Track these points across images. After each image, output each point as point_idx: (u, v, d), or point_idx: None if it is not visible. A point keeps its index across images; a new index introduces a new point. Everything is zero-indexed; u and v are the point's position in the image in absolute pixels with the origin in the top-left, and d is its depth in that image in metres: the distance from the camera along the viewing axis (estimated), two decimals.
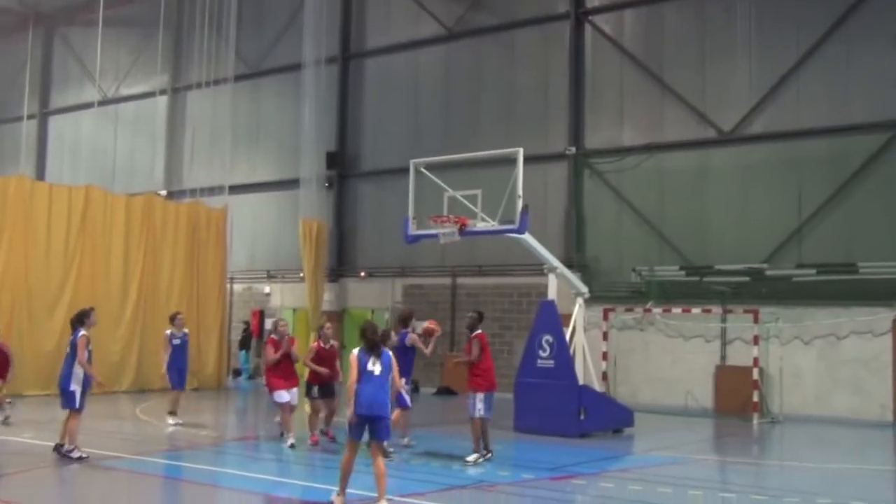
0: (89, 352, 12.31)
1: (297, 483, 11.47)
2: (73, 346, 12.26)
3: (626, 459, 14.40)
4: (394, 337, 13.40)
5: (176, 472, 12.14)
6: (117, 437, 14.87)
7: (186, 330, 16.97)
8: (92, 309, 12.82)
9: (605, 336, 21.58)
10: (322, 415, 14.15)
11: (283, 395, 13.85)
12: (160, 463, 12.52)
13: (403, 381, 13.31)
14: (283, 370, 13.95)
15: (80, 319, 12.43)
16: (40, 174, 35.92)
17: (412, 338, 13.83)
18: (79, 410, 12.21)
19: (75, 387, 12.17)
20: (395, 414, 13.32)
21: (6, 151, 36.70)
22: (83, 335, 12.27)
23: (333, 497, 9.28)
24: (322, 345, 14.06)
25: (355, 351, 9.40)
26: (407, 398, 13.50)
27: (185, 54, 31.57)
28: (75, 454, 12.03)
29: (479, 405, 12.81)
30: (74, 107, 35.88)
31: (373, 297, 27.36)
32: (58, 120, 37.26)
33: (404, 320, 14.28)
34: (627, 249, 23.00)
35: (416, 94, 27.28)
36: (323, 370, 13.78)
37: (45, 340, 20.93)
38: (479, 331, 13.39)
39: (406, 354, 13.58)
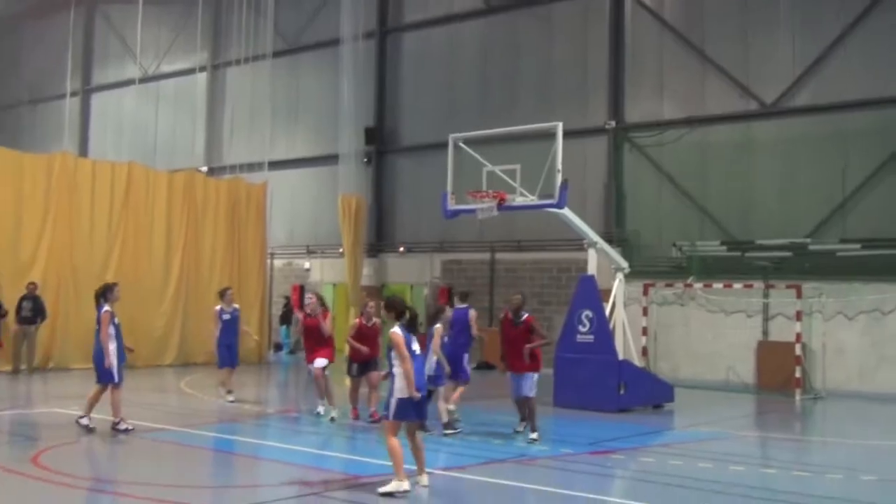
0: (116, 326, 12.37)
1: (338, 456, 11.59)
2: (99, 322, 12.36)
3: (666, 435, 14.39)
4: (448, 312, 13.46)
5: (220, 445, 12.32)
6: (162, 410, 15.10)
7: (237, 305, 16.76)
8: (115, 284, 12.87)
9: (646, 311, 21.47)
10: (364, 390, 14.14)
11: (310, 370, 14.04)
12: (204, 435, 12.71)
13: (466, 357, 13.78)
14: (309, 343, 14.08)
15: (104, 295, 12.46)
16: (83, 151, 36.41)
17: (474, 315, 14.17)
18: (118, 384, 12.36)
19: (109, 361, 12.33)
20: (460, 390, 13.61)
21: (50, 129, 37.19)
22: (106, 311, 12.30)
23: (392, 486, 8.72)
24: (364, 322, 14.00)
25: (399, 330, 9.09)
26: (468, 370, 13.80)
27: (223, 31, 31.70)
28: (122, 426, 12.24)
29: (534, 384, 12.73)
30: (116, 84, 36.24)
31: (411, 273, 27.45)
32: (100, 97, 37.70)
33: (464, 297, 14.83)
34: (668, 224, 22.83)
35: (454, 68, 27.17)
36: (364, 348, 13.74)
37: (90, 316, 21.09)
38: (526, 313, 13.13)
39: (465, 330, 13.85)
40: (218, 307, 16.41)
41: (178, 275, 23.71)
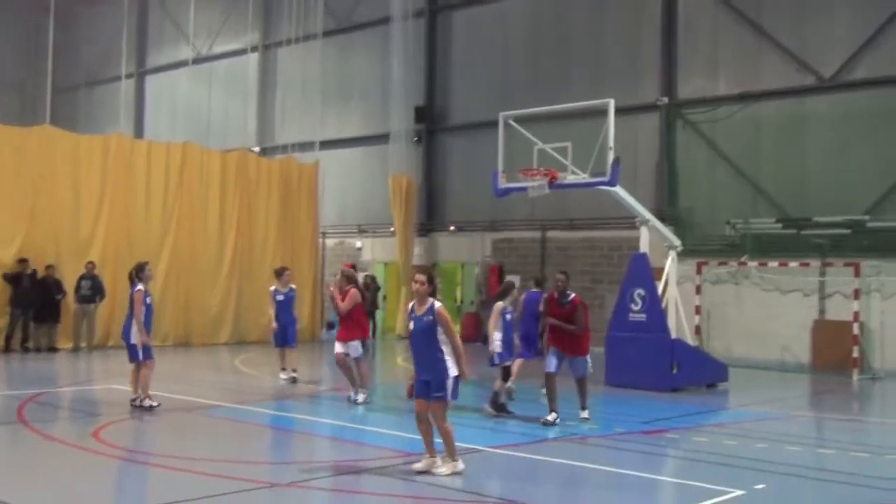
0: (148, 305, 12.41)
1: (392, 433, 11.66)
2: (132, 300, 12.46)
3: (720, 414, 14.28)
4: (516, 293, 13.45)
5: (275, 421, 12.48)
6: (218, 387, 15.35)
7: (293, 286, 16.43)
8: (146, 263, 12.89)
9: (699, 290, 21.27)
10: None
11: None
12: (259, 412, 12.88)
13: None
14: (340, 321, 13.72)
15: (137, 274, 12.56)
16: (139, 132, 36.94)
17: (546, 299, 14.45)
18: (146, 360, 12.41)
19: (136, 340, 12.41)
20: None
21: (106, 111, 37.77)
22: (139, 290, 12.42)
23: (450, 468, 8.68)
24: None
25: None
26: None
27: (274, 11, 31.88)
28: (146, 403, 12.35)
29: (589, 364, 12.42)
30: (169, 66, 36.68)
31: (462, 251, 27.47)
32: (154, 79, 38.21)
33: (539, 283, 15.00)
34: (721, 202, 22.52)
35: (505, 46, 27.01)
36: None
37: None
38: (573, 294, 12.61)
39: (536, 313, 14.11)
40: (272, 287, 16.31)
41: (232, 254, 24.02)
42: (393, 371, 15.44)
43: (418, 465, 8.78)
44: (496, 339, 12.64)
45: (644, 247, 16.81)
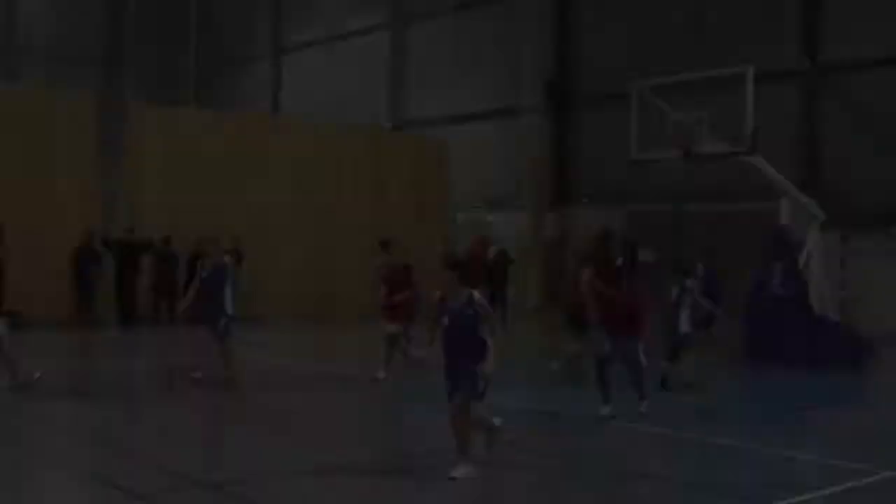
0: (203, 279, 12.21)
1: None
2: None
3: (867, 392, 13.72)
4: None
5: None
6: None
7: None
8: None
9: (843, 263, 20.40)
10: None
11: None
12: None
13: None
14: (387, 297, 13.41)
15: None
16: (276, 110, 38.00)
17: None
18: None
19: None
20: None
21: (246, 89, 39.03)
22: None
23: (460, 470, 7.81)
24: None
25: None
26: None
27: None
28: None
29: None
30: (304, 44, 37.50)
31: (594, 225, 27.13)
32: (290, 58, 39.14)
33: (706, 259, 14.76)
34: (868, 171, 21.47)
35: (635, 14, 26.38)
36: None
37: (284, 268, 22.42)
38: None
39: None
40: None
41: (365, 229, 24.45)
42: (527, 347, 15.43)
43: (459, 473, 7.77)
44: (682, 318, 12.30)
45: (785, 219, 16.26)
